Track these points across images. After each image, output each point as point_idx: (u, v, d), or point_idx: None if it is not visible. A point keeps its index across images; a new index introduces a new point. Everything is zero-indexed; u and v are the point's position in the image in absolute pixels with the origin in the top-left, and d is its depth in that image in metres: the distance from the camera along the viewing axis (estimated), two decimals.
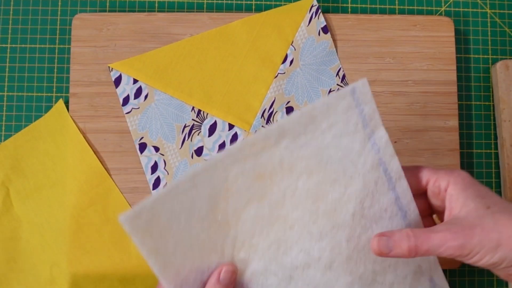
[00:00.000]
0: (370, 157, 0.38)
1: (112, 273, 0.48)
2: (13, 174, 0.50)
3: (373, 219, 0.38)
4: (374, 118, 0.38)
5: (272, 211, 0.37)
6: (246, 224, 0.37)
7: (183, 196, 0.35)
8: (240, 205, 0.37)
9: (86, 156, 0.49)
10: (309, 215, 0.38)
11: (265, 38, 0.51)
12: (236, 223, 0.37)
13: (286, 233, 0.37)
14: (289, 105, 0.49)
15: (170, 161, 0.49)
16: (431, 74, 0.52)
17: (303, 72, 0.49)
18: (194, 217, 0.36)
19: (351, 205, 0.38)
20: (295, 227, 0.37)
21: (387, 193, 0.39)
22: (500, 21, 0.56)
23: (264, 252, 0.37)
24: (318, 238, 0.38)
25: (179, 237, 0.35)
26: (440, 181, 0.38)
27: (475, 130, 0.54)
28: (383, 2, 0.55)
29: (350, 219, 0.38)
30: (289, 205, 0.37)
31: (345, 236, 0.38)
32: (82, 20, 0.51)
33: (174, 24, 0.51)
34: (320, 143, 0.38)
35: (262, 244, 0.37)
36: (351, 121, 0.38)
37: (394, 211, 0.39)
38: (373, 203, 0.38)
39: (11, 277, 0.49)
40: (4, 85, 0.52)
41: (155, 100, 0.49)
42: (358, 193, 0.38)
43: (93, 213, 0.49)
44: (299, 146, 0.37)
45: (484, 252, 0.35)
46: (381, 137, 0.38)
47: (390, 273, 0.39)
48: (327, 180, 0.38)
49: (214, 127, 0.49)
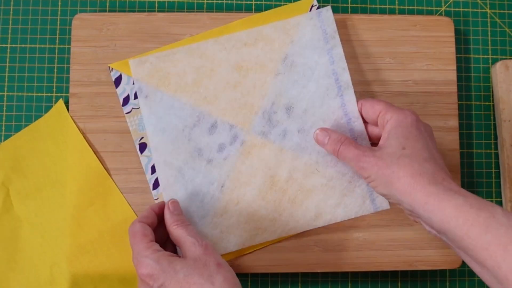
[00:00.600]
0: (325, 67, 0.49)
1: (112, 273, 0.48)
2: (13, 174, 0.50)
3: (321, 117, 0.49)
4: (334, 38, 0.49)
5: (244, 97, 0.49)
6: (221, 103, 0.49)
7: (179, 62, 0.49)
8: (220, 86, 0.49)
9: (86, 156, 0.49)
10: (271, 105, 0.49)
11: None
12: (214, 100, 0.49)
13: (251, 117, 0.49)
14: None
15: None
16: (431, 74, 0.52)
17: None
18: (182, 82, 0.49)
19: (305, 102, 0.49)
20: (259, 113, 0.49)
21: (335, 98, 0.49)
22: (500, 21, 0.56)
23: (229, 130, 0.49)
24: (275, 124, 0.49)
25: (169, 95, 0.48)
26: (386, 115, 0.43)
27: (475, 130, 0.54)
28: (383, 2, 0.55)
29: (303, 114, 0.49)
30: (257, 95, 0.49)
31: (297, 127, 0.49)
32: (82, 20, 0.51)
33: (174, 24, 0.51)
34: (289, 50, 0.49)
35: (228, 122, 0.49)
36: (315, 37, 0.49)
37: (340, 115, 0.48)
38: (323, 104, 0.49)
39: (11, 277, 0.49)
40: (4, 85, 0.52)
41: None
42: (312, 94, 0.49)
43: (93, 213, 0.49)
44: (272, 50, 0.49)
45: (377, 182, 0.41)
46: (337, 53, 0.49)
47: (331, 167, 0.48)
48: (290, 79, 0.49)
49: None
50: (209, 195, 0.48)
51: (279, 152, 0.49)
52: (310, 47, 0.49)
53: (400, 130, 0.42)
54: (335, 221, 0.49)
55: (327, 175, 0.48)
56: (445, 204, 0.37)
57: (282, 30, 0.49)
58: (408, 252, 0.50)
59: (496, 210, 0.36)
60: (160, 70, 0.49)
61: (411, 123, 0.42)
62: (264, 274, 0.52)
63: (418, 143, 0.41)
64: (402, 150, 0.40)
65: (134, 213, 0.49)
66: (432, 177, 0.38)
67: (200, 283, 0.38)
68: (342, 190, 0.48)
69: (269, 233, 0.48)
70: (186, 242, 0.42)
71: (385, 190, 0.41)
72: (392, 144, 0.41)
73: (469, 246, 0.36)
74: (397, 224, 0.51)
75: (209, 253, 0.40)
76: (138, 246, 0.41)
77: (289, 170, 0.48)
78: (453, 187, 0.38)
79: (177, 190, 0.48)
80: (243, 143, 0.49)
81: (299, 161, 0.48)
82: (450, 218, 0.36)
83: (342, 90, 0.49)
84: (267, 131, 0.49)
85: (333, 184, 0.48)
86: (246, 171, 0.49)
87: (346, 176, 0.48)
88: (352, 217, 0.49)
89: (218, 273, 0.39)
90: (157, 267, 0.39)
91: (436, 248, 0.50)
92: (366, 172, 0.42)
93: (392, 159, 0.40)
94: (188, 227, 0.43)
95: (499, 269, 0.34)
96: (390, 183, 0.40)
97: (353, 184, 0.48)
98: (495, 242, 0.34)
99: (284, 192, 0.49)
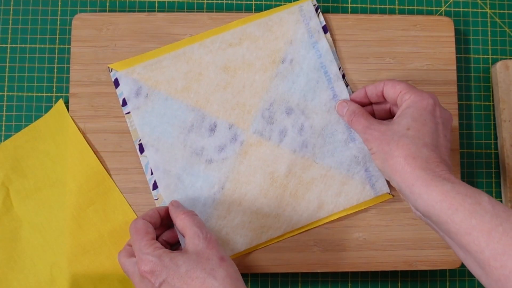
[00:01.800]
0: (313, 61, 0.50)
1: (112, 273, 0.48)
2: (13, 174, 0.50)
3: (314, 110, 0.49)
4: (318, 31, 0.50)
5: (235, 97, 0.49)
6: (213, 106, 0.49)
7: (166, 69, 0.49)
8: (210, 89, 0.49)
9: (86, 156, 0.49)
10: (263, 103, 0.49)
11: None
12: (205, 103, 0.49)
13: (244, 116, 0.49)
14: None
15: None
16: (431, 74, 0.52)
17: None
18: (172, 89, 0.49)
19: (296, 96, 0.50)
20: (251, 111, 0.49)
21: (326, 90, 0.50)
22: (500, 21, 0.56)
23: (226, 131, 0.49)
24: (270, 121, 0.49)
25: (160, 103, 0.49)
26: (405, 95, 0.44)
27: (475, 130, 0.54)
28: (383, 2, 0.55)
29: (296, 108, 0.49)
30: (248, 93, 0.49)
31: (291, 121, 0.49)
32: (82, 20, 0.51)
33: (174, 24, 0.51)
34: (274, 47, 0.50)
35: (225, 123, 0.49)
36: (299, 32, 0.50)
37: (332, 106, 0.50)
38: (314, 97, 0.49)
39: (11, 277, 0.49)
40: (4, 85, 0.52)
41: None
42: (302, 88, 0.50)
43: (93, 213, 0.49)
44: (258, 48, 0.50)
45: (377, 156, 0.43)
46: (323, 46, 0.50)
47: (328, 157, 0.49)
48: (279, 76, 0.50)
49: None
50: (211, 199, 0.48)
51: (276, 148, 0.49)
52: (295, 42, 0.50)
53: (412, 111, 0.42)
54: (338, 210, 0.49)
55: (325, 166, 0.49)
56: (432, 188, 0.37)
57: (265, 27, 0.50)
58: (408, 252, 0.50)
59: (483, 197, 0.36)
60: (149, 79, 0.49)
61: (426, 106, 0.42)
62: (264, 274, 0.52)
63: (425, 127, 0.41)
64: (407, 130, 0.41)
65: (134, 213, 0.49)
66: (425, 162, 0.39)
67: (202, 277, 0.38)
68: (342, 179, 0.49)
69: (274, 229, 0.49)
70: (189, 233, 0.41)
71: (381, 165, 0.42)
72: (400, 122, 0.42)
73: (453, 230, 0.36)
74: (397, 224, 0.51)
75: (212, 247, 0.40)
76: (140, 243, 0.41)
77: (287, 165, 0.49)
78: (444, 175, 0.38)
79: (178, 197, 0.48)
80: (242, 143, 0.49)
81: (296, 155, 0.49)
82: (435, 202, 0.37)
83: (333, 82, 0.49)
84: (262, 129, 0.49)
85: (332, 173, 0.49)
86: (245, 170, 0.49)
87: (344, 164, 0.49)
88: (354, 204, 0.49)
89: (220, 267, 0.39)
90: (159, 263, 0.39)
91: (436, 248, 0.50)
92: (369, 143, 0.44)
93: (393, 136, 0.41)
94: (195, 217, 0.43)
95: (482, 254, 0.35)
96: (385, 159, 0.41)
97: (352, 172, 0.49)
98: (479, 228, 0.35)
99: (284, 187, 0.49)
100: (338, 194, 0.49)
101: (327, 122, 0.49)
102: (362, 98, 0.48)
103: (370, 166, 0.49)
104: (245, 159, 0.49)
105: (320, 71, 0.50)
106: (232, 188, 0.49)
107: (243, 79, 0.49)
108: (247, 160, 0.49)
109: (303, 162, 0.49)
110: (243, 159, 0.49)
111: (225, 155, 0.49)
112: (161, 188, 0.48)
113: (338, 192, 0.49)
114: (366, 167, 0.49)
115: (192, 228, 0.42)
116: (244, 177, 0.49)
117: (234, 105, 0.49)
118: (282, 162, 0.49)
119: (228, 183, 0.49)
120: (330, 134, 0.49)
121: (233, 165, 0.49)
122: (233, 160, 0.49)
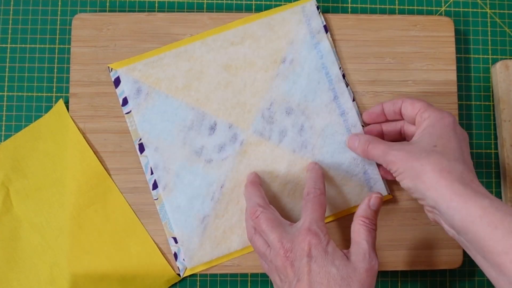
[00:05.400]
0: (314, 61, 0.50)
1: (112, 273, 0.48)
2: (13, 174, 0.50)
3: (315, 110, 0.50)
4: (320, 32, 0.50)
5: (235, 96, 0.49)
6: (214, 104, 0.49)
7: (167, 66, 0.49)
8: (211, 87, 0.49)
9: (86, 156, 0.49)
10: (263, 102, 0.49)
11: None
12: (206, 102, 0.49)
13: (244, 116, 0.49)
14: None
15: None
16: (431, 74, 0.52)
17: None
18: (172, 87, 0.49)
19: (297, 97, 0.50)
20: (252, 111, 0.49)
21: (327, 91, 0.50)
22: (500, 21, 0.56)
23: (226, 130, 0.49)
24: (270, 121, 0.49)
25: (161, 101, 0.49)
26: (424, 113, 0.43)
27: (475, 130, 0.54)
28: (383, 2, 0.55)
29: (296, 108, 0.49)
30: (248, 93, 0.49)
31: (291, 121, 0.49)
32: (82, 20, 0.51)
33: (174, 24, 0.51)
34: (276, 46, 0.50)
35: (225, 123, 0.49)
36: (301, 32, 0.50)
37: (333, 108, 0.50)
38: (315, 98, 0.50)
39: (11, 277, 0.49)
40: (4, 85, 0.52)
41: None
42: (303, 88, 0.50)
43: (93, 213, 0.49)
44: (260, 47, 0.50)
45: (405, 175, 0.41)
46: (324, 47, 0.50)
47: (327, 159, 0.49)
48: (280, 76, 0.50)
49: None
50: (209, 197, 0.48)
51: (276, 148, 0.49)
52: (297, 43, 0.50)
53: (435, 129, 0.42)
54: (336, 211, 0.49)
55: (324, 167, 0.49)
56: (471, 204, 0.36)
57: (267, 27, 0.50)
58: (408, 252, 0.50)
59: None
60: (150, 77, 0.49)
61: (448, 124, 0.42)
62: (264, 274, 0.52)
63: (450, 143, 0.41)
64: (434, 147, 0.40)
65: (134, 213, 0.49)
66: (460, 177, 0.38)
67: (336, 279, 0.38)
68: (340, 180, 0.49)
69: None
70: (363, 248, 0.40)
71: (411, 183, 0.40)
72: (424, 140, 0.41)
73: (489, 249, 0.35)
74: (397, 224, 0.51)
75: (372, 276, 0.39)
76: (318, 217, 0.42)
77: (286, 165, 0.49)
78: (481, 190, 0.37)
79: (177, 195, 0.48)
80: (242, 143, 0.49)
81: (295, 155, 0.49)
82: (474, 218, 0.36)
83: (334, 84, 0.50)
84: (262, 128, 0.49)
85: (331, 175, 0.49)
86: (244, 170, 0.49)
87: (343, 166, 0.49)
88: (352, 205, 0.49)
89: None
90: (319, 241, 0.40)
91: (436, 248, 0.50)
92: (394, 165, 0.42)
93: (422, 153, 0.40)
94: (374, 232, 0.42)
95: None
96: (417, 176, 0.39)
97: (350, 174, 0.49)
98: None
99: (283, 187, 0.49)
100: (336, 196, 0.49)
101: (327, 123, 0.49)
102: (379, 114, 0.48)
103: (369, 169, 0.49)
104: (245, 158, 0.49)
105: (321, 72, 0.50)
106: (231, 187, 0.49)
107: (244, 78, 0.49)
108: (246, 159, 0.49)
109: (302, 162, 0.49)
110: (242, 158, 0.49)
111: (225, 155, 0.49)
112: (161, 185, 0.48)
113: (336, 194, 0.49)
114: (365, 169, 0.49)
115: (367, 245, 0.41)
116: (243, 177, 0.49)
117: (234, 104, 0.49)
118: (281, 161, 0.49)
119: (227, 182, 0.49)
120: (330, 135, 0.49)
121: (232, 164, 0.49)
122: (233, 159, 0.49)
